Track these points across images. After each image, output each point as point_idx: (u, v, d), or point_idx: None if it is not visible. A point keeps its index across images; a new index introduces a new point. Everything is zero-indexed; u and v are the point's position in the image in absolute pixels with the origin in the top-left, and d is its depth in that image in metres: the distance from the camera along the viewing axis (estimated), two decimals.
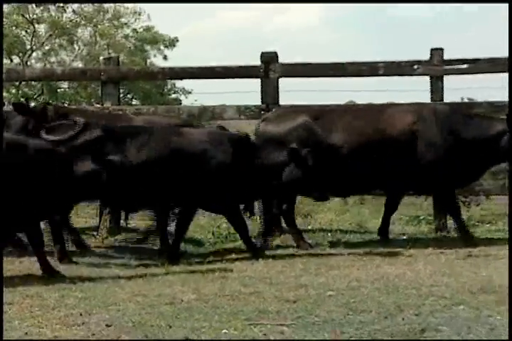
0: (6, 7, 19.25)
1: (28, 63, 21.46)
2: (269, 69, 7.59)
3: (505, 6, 7.10)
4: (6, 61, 19.85)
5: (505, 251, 6.01)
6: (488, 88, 6.93)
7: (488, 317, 4.03)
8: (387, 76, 7.76)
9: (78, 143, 5.72)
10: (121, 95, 18.06)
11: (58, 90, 20.86)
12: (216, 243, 6.95)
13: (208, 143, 6.00)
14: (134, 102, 21.80)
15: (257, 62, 7.65)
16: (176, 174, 5.88)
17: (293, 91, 7.99)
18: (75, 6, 22.12)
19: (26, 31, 21.69)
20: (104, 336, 3.82)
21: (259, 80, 7.65)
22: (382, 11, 46.31)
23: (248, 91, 8.09)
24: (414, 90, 7.07)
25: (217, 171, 5.95)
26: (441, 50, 7.44)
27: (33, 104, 6.92)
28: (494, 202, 7.96)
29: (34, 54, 22.39)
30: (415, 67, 7.50)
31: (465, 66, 7.44)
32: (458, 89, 7.19)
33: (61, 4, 21.56)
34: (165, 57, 24.16)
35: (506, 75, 7.13)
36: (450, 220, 7.30)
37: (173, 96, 24.87)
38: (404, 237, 6.95)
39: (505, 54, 7.34)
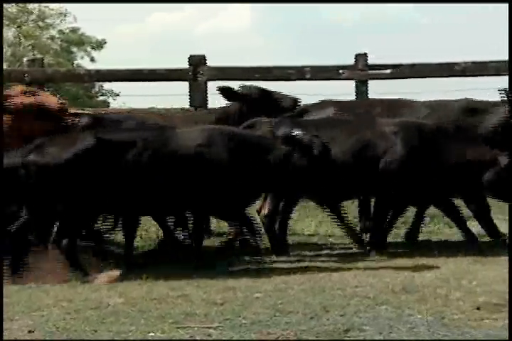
0: None
1: None
2: (197, 72, 7.61)
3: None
4: None
5: (427, 251, 6.18)
6: (412, 93, 7.15)
7: (409, 316, 4.13)
8: (313, 80, 7.87)
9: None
10: None
11: None
12: (144, 246, 6.89)
13: (397, 134, 6.05)
14: None
15: (186, 65, 7.66)
16: (368, 166, 6.00)
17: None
18: None
19: None
20: None
21: (187, 83, 7.66)
22: (315, 15, 46.75)
23: (176, 94, 8.09)
24: (341, 94, 7.25)
25: (404, 162, 5.99)
26: (366, 55, 7.61)
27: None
28: None
29: None
30: (341, 71, 7.64)
31: (388, 71, 7.63)
32: (383, 93, 7.35)
33: None
34: (92, 59, 23.90)
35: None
36: None
37: (101, 98, 24.58)
38: (331, 239, 7.05)
39: (432, 59, 7.62)
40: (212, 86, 7.70)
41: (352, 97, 7.60)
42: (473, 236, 6.25)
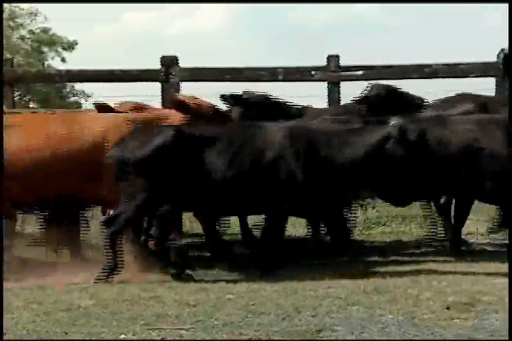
0: None
1: None
2: (169, 73, 7.59)
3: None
4: None
5: (398, 252, 6.22)
6: None
7: (380, 316, 4.16)
8: (286, 81, 7.88)
9: None
10: (17, 98, 17.54)
11: None
12: None
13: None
14: (32, 105, 21.24)
15: (158, 66, 7.64)
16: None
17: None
18: None
19: None
20: None
21: (159, 84, 7.63)
22: (287, 16, 46.73)
23: (149, 95, 8.05)
24: (314, 96, 7.31)
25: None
26: (338, 56, 7.64)
27: None
28: (388, 203, 8.19)
29: None
30: (313, 72, 7.66)
31: (360, 72, 7.67)
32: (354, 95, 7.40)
33: None
34: (63, 60, 23.71)
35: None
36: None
37: (73, 99, 24.38)
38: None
39: (403, 61, 7.66)
40: (185, 87, 7.71)
41: (324, 99, 7.65)
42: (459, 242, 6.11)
